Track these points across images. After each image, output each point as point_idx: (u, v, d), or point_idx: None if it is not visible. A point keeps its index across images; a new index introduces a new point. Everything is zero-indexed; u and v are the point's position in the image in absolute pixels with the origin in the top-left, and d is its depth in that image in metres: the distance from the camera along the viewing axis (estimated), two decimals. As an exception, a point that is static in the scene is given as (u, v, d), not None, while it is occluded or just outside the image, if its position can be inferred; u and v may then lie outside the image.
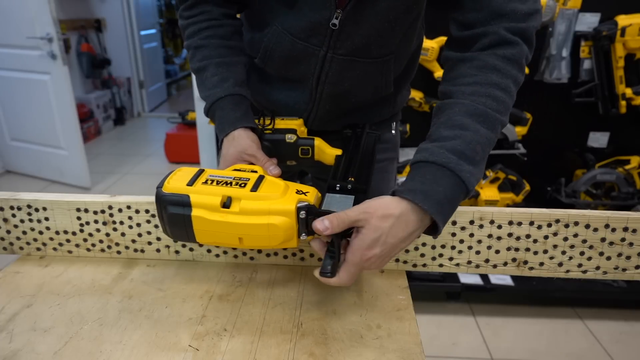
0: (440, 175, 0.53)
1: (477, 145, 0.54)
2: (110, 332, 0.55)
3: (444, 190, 0.52)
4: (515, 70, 0.59)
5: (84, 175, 2.99)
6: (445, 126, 0.56)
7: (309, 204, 0.53)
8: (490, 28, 0.59)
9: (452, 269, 0.66)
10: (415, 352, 0.52)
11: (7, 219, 0.70)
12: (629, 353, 1.64)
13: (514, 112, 1.85)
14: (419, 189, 0.52)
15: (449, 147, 0.54)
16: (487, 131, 0.56)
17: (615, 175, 1.89)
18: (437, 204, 0.51)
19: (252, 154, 0.67)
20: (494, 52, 0.59)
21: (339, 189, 0.60)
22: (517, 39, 0.59)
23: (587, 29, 1.76)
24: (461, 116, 0.56)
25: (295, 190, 0.55)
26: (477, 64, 0.59)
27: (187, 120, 3.53)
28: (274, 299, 0.61)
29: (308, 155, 0.74)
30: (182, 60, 6.46)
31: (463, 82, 0.59)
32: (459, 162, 0.53)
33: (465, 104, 0.57)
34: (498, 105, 0.57)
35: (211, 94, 0.71)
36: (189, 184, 0.54)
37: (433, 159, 0.53)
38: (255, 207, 0.53)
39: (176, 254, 0.70)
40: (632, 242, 0.61)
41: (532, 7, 0.59)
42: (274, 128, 0.75)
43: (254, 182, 0.55)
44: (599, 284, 1.77)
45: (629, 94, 1.78)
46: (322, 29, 0.68)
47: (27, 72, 2.83)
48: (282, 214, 0.52)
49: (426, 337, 1.69)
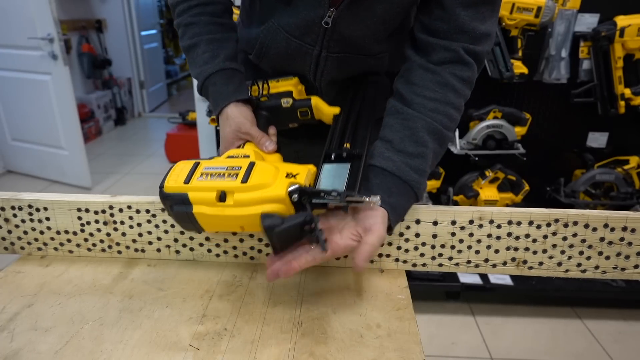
0: (403, 190, 0.60)
1: (433, 162, 0.64)
2: (111, 331, 0.55)
3: (404, 203, 0.60)
4: (468, 91, 0.65)
5: (84, 176, 3.00)
6: (410, 141, 0.62)
7: (299, 186, 0.53)
8: (452, 44, 0.63)
9: (452, 269, 0.66)
10: (415, 351, 0.52)
11: (8, 219, 0.70)
12: (628, 352, 1.64)
13: (513, 112, 1.86)
14: (387, 201, 0.58)
15: (413, 165, 0.61)
16: (440, 148, 0.64)
17: (614, 175, 1.90)
18: (399, 216, 0.60)
19: (246, 131, 0.67)
20: (453, 71, 0.63)
21: (334, 158, 0.61)
22: (472, 61, 0.64)
23: (586, 29, 1.76)
24: (424, 133, 0.62)
25: (285, 174, 0.55)
26: (438, 80, 0.63)
27: (187, 121, 3.54)
28: (274, 299, 0.62)
29: (308, 117, 0.73)
30: (183, 61, 6.46)
31: (425, 95, 0.63)
32: (419, 181, 0.61)
33: (427, 121, 0.62)
34: (451, 123, 0.64)
35: (202, 71, 0.70)
36: (186, 181, 0.55)
37: (399, 173, 0.60)
38: (247, 198, 0.53)
39: (177, 254, 0.70)
40: (631, 241, 0.61)
41: (488, 29, 0.64)
42: (270, 94, 0.73)
43: (244, 171, 0.55)
44: (598, 284, 1.77)
45: (628, 94, 1.78)
46: (316, 27, 0.68)
47: (28, 73, 2.84)
48: (275, 201, 0.53)
49: (426, 337, 1.70)
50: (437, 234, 0.64)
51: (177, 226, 0.67)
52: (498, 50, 1.73)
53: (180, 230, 0.68)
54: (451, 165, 1.99)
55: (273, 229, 0.50)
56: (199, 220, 0.55)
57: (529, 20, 1.68)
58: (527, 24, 1.70)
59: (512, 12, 1.68)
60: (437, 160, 0.65)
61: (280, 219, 0.51)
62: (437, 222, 0.63)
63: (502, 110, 1.86)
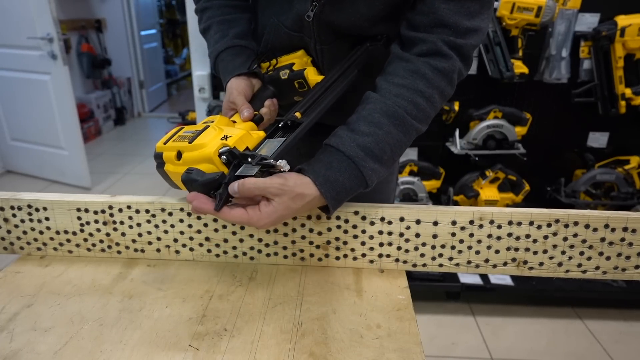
0: (345, 166, 0.58)
1: (387, 146, 0.59)
2: (111, 331, 0.55)
3: (345, 180, 0.57)
4: (444, 83, 0.63)
5: (84, 175, 2.99)
6: (365, 121, 0.60)
7: (228, 148, 0.55)
8: (430, 37, 0.62)
9: (452, 269, 0.66)
10: (415, 352, 0.52)
11: (7, 218, 0.70)
12: (629, 353, 1.64)
13: (513, 112, 1.86)
14: (322, 173, 0.56)
15: (360, 142, 0.58)
16: (400, 134, 0.60)
17: (615, 175, 1.89)
18: (335, 192, 0.57)
19: (233, 100, 0.68)
20: (427, 61, 0.62)
21: (281, 126, 0.63)
22: (452, 54, 0.62)
23: (587, 29, 1.76)
24: (379, 114, 0.60)
25: (222, 136, 0.57)
26: (409, 67, 0.62)
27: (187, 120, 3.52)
28: (274, 299, 0.61)
29: (305, 89, 0.72)
30: (182, 61, 6.46)
31: (393, 81, 0.62)
32: (365, 159, 0.58)
33: (387, 104, 0.60)
34: (417, 112, 0.61)
35: (214, 50, 0.75)
36: (166, 142, 0.61)
37: (343, 148, 0.58)
38: (190, 157, 0.57)
39: (176, 254, 0.70)
40: (632, 242, 0.61)
41: (475, 25, 0.62)
42: (275, 68, 0.73)
43: (196, 133, 0.59)
44: (598, 284, 1.77)
45: (629, 94, 1.78)
46: (304, 21, 0.69)
47: (28, 72, 2.84)
48: (207, 161, 0.55)
49: (426, 337, 1.69)
50: (438, 234, 0.63)
51: (177, 226, 0.67)
52: (498, 50, 1.73)
53: (180, 230, 0.68)
54: (451, 165, 1.99)
55: (191, 183, 0.54)
56: (170, 177, 0.61)
57: (530, 20, 1.67)
58: (528, 24, 1.70)
59: (512, 12, 1.68)
60: (400, 148, 0.62)
61: (200, 176, 0.54)
62: (437, 222, 0.63)
63: (502, 110, 1.86)
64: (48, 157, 3.08)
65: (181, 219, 0.67)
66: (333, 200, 0.57)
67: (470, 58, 0.65)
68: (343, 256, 0.67)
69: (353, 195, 0.60)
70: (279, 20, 0.73)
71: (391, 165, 0.62)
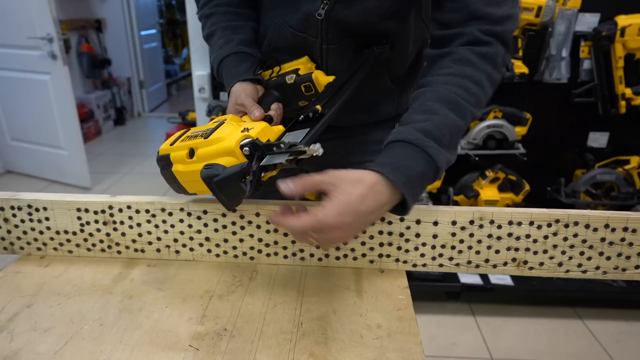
0: (409, 152, 0.54)
1: (445, 129, 0.56)
2: (111, 332, 0.55)
3: (413, 165, 0.53)
4: (489, 67, 0.61)
5: (84, 175, 2.99)
6: (417, 111, 0.58)
7: (251, 140, 0.53)
8: (466, 29, 0.61)
9: (452, 269, 0.66)
10: (415, 352, 0.52)
11: (7, 218, 0.70)
12: (629, 353, 1.64)
13: (514, 112, 1.86)
14: (387, 162, 0.52)
15: (418, 127, 0.55)
16: (457, 118, 0.57)
17: (615, 175, 1.89)
18: (406, 178, 0.52)
19: (241, 102, 0.68)
20: (469, 48, 0.61)
21: (302, 119, 0.61)
22: (492, 40, 0.61)
23: (587, 29, 1.76)
24: (432, 102, 0.58)
25: (242, 129, 0.56)
26: (453, 57, 0.61)
27: (187, 120, 3.53)
28: (274, 299, 0.61)
29: (312, 92, 0.72)
30: (182, 60, 6.46)
31: (438, 73, 0.61)
32: (426, 140, 0.54)
33: (438, 91, 0.59)
34: (469, 96, 0.59)
35: (217, 55, 0.75)
36: (172, 143, 0.60)
37: (401, 137, 0.55)
38: (206, 152, 0.55)
39: (176, 254, 0.70)
40: (632, 242, 0.61)
41: (508, 12, 0.62)
42: (279, 74, 0.74)
43: (212, 129, 0.57)
44: (598, 284, 1.77)
45: (629, 94, 1.78)
46: (313, 20, 0.69)
47: (28, 72, 2.83)
48: (227, 154, 0.53)
49: (426, 337, 1.69)
50: (438, 234, 0.63)
51: (177, 226, 0.67)
52: (498, 50, 1.72)
53: (180, 230, 0.68)
54: (452, 165, 1.98)
55: (211, 178, 0.52)
56: (178, 178, 0.59)
57: (530, 19, 1.67)
58: (528, 24, 1.70)
59: (512, 12, 1.67)
60: (458, 132, 0.58)
61: (220, 170, 0.52)
62: (437, 223, 0.63)
63: (502, 110, 1.85)
64: (48, 157, 3.08)
65: (181, 219, 0.67)
66: (408, 188, 0.51)
67: (510, 44, 0.63)
68: (343, 256, 0.67)
69: (428, 183, 0.56)
70: (283, 20, 0.73)
71: (452, 151, 0.58)
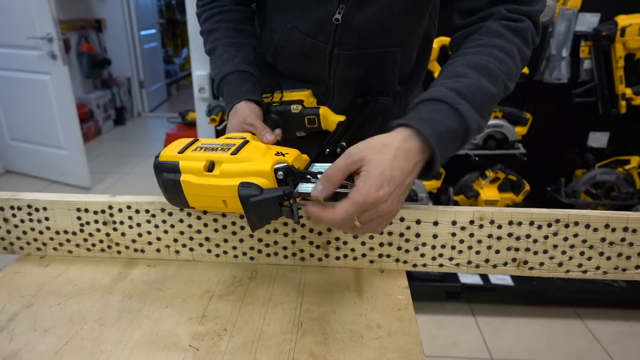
0: (437, 107, 0.51)
1: (477, 91, 0.53)
2: (111, 332, 0.55)
3: (442, 120, 0.50)
4: (520, 41, 0.59)
5: (84, 175, 2.99)
6: (446, 77, 0.55)
7: (287, 165, 0.53)
8: (492, 10, 0.60)
9: (452, 269, 0.66)
10: (415, 352, 0.52)
11: (7, 218, 0.70)
12: (629, 353, 1.64)
13: (514, 112, 1.85)
14: (415, 116, 0.50)
15: (448, 85, 0.53)
16: (489, 83, 0.54)
17: (615, 175, 1.89)
18: (435, 131, 0.49)
19: (251, 122, 0.68)
20: (499, 22, 0.59)
21: (327, 153, 0.60)
22: (521, 17, 0.60)
23: (587, 29, 1.76)
24: (462, 67, 0.55)
25: (275, 152, 0.55)
26: (482, 31, 0.60)
27: (187, 120, 3.53)
28: (274, 299, 0.61)
29: (315, 125, 0.74)
30: (182, 60, 6.46)
31: (467, 45, 0.60)
32: (457, 97, 0.51)
33: (468, 58, 0.56)
34: (501, 65, 0.56)
35: (220, 71, 0.75)
36: (181, 151, 0.58)
37: (429, 96, 0.52)
38: (234, 169, 0.54)
39: (176, 254, 0.70)
40: (632, 242, 0.61)
41: None
42: (282, 101, 0.75)
43: (237, 146, 0.56)
44: (599, 284, 1.77)
45: (629, 94, 1.78)
46: (327, 24, 0.69)
47: (28, 72, 2.84)
48: (259, 175, 0.53)
49: (426, 337, 1.69)
50: (438, 234, 0.63)
51: (177, 226, 0.67)
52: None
53: (180, 230, 0.68)
54: (452, 165, 1.98)
55: (248, 198, 0.50)
56: (184, 189, 0.57)
57: (530, 19, 1.67)
58: (528, 24, 1.70)
59: (512, 12, 1.67)
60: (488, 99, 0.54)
61: (258, 190, 0.51)
62: (437, 223, 0.63)
63: (502, 110, 1.85)
64: (48, 157, 3.08)
65: (181, 219, 0.67)
66: (437, 142, 0.49)
67: (539, 24, 0.62)
68: (343, 256, 0.67)
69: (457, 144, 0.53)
70: (291, 25, 0.73)
71: (484, 116, 0.54)
